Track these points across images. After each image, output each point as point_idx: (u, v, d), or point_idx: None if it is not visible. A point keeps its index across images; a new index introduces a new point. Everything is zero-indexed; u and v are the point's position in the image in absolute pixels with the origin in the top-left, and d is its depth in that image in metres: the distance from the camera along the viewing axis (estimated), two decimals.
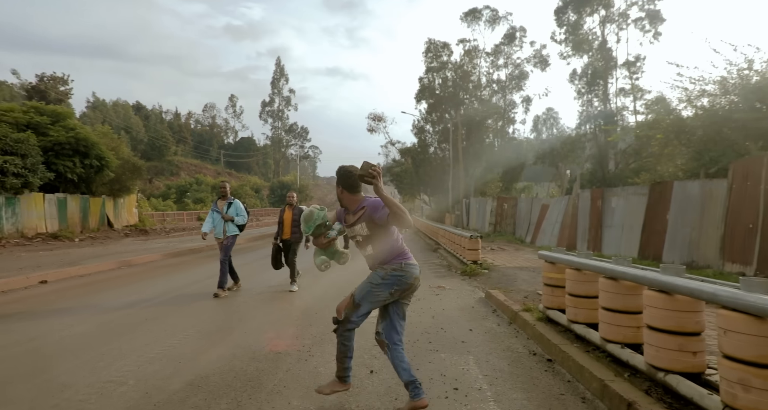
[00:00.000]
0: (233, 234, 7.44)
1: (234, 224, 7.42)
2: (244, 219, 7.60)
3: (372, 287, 3.13)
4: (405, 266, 3.06)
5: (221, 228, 7.37)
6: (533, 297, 6.70)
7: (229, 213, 7.41)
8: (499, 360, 4.14)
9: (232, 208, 7.47)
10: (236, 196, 28.54)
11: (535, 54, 41.15)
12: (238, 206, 7.52)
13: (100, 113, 62.34)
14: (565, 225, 14.53)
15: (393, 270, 3.04)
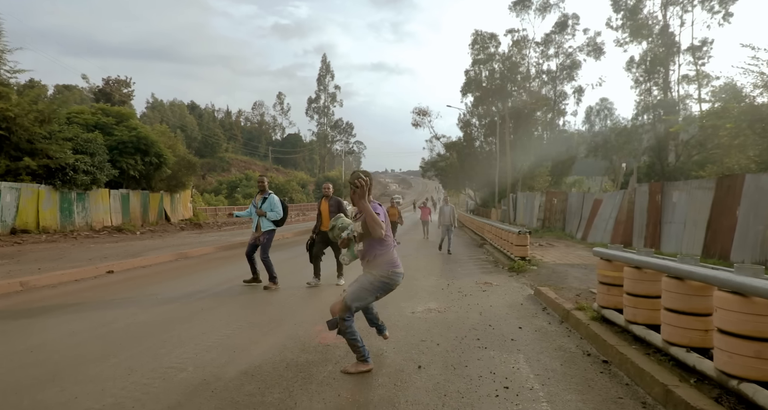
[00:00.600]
0: (268, 230, 7.23)
1: (267, 219, 7.20)
2: (278, 215, 7.32)
3: (363, 292, 3.63)
4: (392, 274, 3.62)
5: (256, 223, 7.27)
6: (586, 296, 6.44)
7: (263, 208, 7.19)
8: (551, 360, 4.01)
9: (267, 203, 7.25)
10: (283, 191, 29.24)
11: (589, 42, 39.44)
12: (272, 201, 7.27)
13: (158, 113, 65.82)
14: (620, 221, 13.86)
15: (382, 277, 3.59)
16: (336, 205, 7.43)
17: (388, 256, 3.60)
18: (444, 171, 46.14)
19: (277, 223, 7.37)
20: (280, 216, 7.34)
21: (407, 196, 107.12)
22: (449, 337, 4.68)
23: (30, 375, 3.41)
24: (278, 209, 7.28)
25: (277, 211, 7.26)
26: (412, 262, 10.95)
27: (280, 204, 7.37)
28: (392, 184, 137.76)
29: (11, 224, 15.79)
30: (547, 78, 42.40)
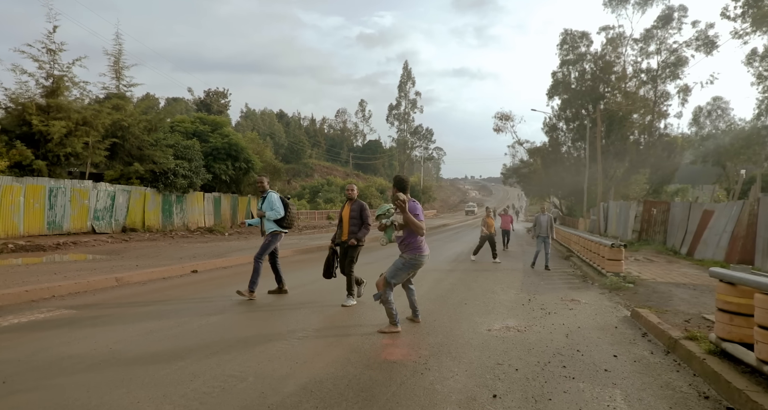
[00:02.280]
0: (271, 231, 6.66)
1: (268, 220, 6.65)
2: (278, 214, 6.66)
3: (397, 270, 5.01)
4: (418, 256, 4.99)
5: (259, 225, 6.83)
6: (697, 322, 5.52)
7: (263, 209, 6.65)
8: (657, 400, 3.36)
9: (266, 203, 6.67)
10: (362, 197, 29.38)
11: (698, 35, 35.41)
12: (271, 200, 6.66)
13: (251, 121, 70.55)
14: (738, 235, 12.03)
15: (410, 259, 4.98)
16: (359, 210, 6.51)
17: (416, 244, 4.99)
18: (527, 178, 44.12)
19: (280, 224, 6.71)
20: (280, 214, 6.67)
21: (487, 202, 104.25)
22: (530, 362, 4.16)
23: (104, 374, 3.51)
24: (277, 207, 6.64)
25: (276, 210, 6.62)
26: (490, 275, 10.34)
27: (280, 201, 6.73)
28: (471, 191, 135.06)
29: (122, 223, 17.55)
30: (646, 77, 38.76)
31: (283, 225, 6.73)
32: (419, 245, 4.98)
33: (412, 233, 4.94)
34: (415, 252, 4.96)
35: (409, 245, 4.97)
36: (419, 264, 5.02)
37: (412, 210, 4.92)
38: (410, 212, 4.88)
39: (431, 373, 3.75)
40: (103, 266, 8.95)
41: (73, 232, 15.49)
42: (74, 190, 15.61)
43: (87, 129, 15.82)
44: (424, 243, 5.05)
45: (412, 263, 4.98)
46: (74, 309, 5.72)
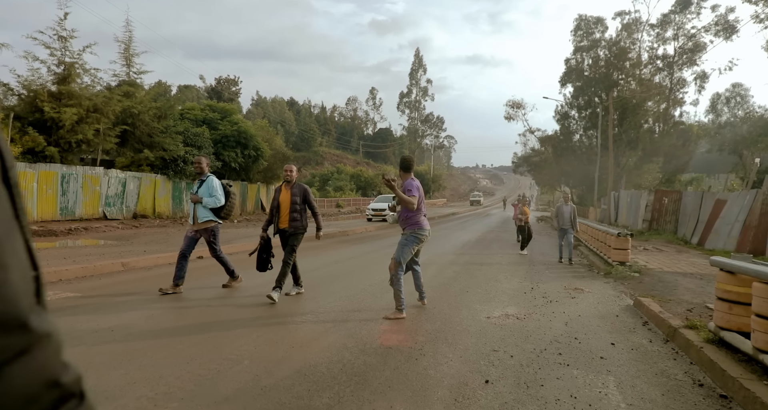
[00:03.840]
0: (206, 220, 5.87)
1: (205, 208, 5.83)
2: (218, 202, 5.87)
3: (402, 247, 5.26)
4: (417, 231, 5.29)
5: (191, 213, 5.94)
6: (700, 312, 5.47)
7: (200, 194, 5.83)
8: (650, 387, 3.36)
9: (204, 188, 5.87)
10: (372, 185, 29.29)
11: (718, 20, 34.38)
12: (211, 185, 5.88)
13: (261, 109, 70.67)
14: (750, 225, 11.82)
15: (411, 234, 5.28)
16: (302, 195, 5.88)
17: (413, 220, 5.29)
18: (538, 166, 43.68)
19: (217, 213, 5.97)
20: (220, 202, 5.90)
21: (498, 192, 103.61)
22: (526, 349, 4.17)
23: (103, 354, 3.60)
24: (218, 194, 5.86)
25: (216, 197, 5.84)
26: (496, 263, 10.33)
27: (222, 188, 5.98)
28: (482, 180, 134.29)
29: (133, 209, 17.80)
30: (662, 64, 37.82)
31: (221, 216, 6.00)
32: (417, 221, 5.30)
33: (406, 209, 5.28)
34: (414, 227, 5.30)
35: (407, 221, 5.31)
36: (420, 239, 5.32)
37: (407, 187, 5.29)
38: (405, 188, 5.26)
39: (426, 359, 3.78)
40: (111, 251, 9.11)
41: (85, 218, 15.77)
42: (86, 177, 15.84)
43: (98, 116, 15.99)
44: (422, 218, 5.37)
45: (413, 238, 5.29)
46: (79, 292, 5.84)
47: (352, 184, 52.88)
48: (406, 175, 5.45)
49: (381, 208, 23.30)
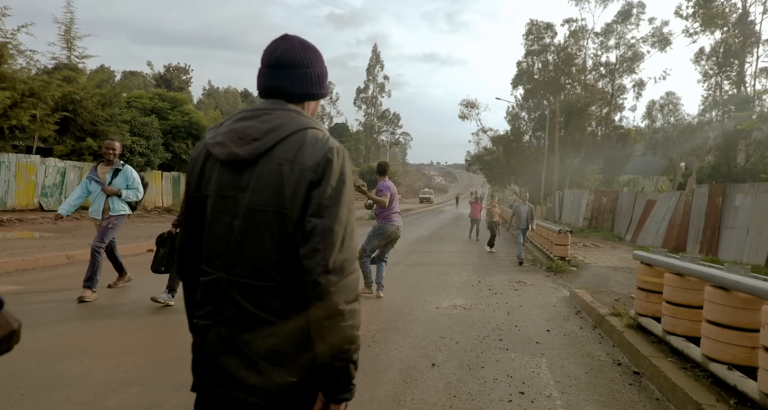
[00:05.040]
0: (120, 214, 5.21)
1: (122, 200, 5.19)
2: (139, 194, 5.32)
3: (369, 238, 5.97)
4: (385, 224, 5.91)
5: (101, 206, 5.12)
6: (625, 301, 6.04)
7: (116, 185, 5.14)
8: (576, 367, 3.76)
9: (120, 178, 5.18)
10: None
11: (654, 32, 36.81)
12: (129, 175, 5.23)
13: (214, 100, 68.37)
14: (674, 224, 12.95)
15: (378, 227, 5.96)
16: None
17: (385, 214, 5.91)
18: (489, 165, 45.11)
19: (132, 206, 5.38)
20: (141, 195, 5.37)
21: (452, 189, 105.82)
22: (470, 336, 4.50)
23: (55, 346, 3.57)
24: (138, 186, 5.30)
25: (136, 189, 5.27)
26: (446, 258, 10.74)
27: (141, 179, 5.40)
28: (437, 177, 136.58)
29: None
30: (604, 70, 40.09)
31: (134, 208, 5.41)
32: (387, 215, 5.92)
33: (380, 208, 5.95)
34: (384, 221, 5.93)
35: (379, 216, 5.99)
36: (387, 232, 5.91)
37: (380, 187, 5.97)
38: (378, 189, 5.95)
39: (377, 346, 4.02)
40: (52, 244, 8.72)
41: (19, 209, 14.82)
42: (20, 165, 14.87)
43: (34, 101, 15.02)
44: (393, 214, 5.95)
45: (380, 231, 5.91)
46: (21, 284, 5.63)
47: None
48: (381, 177, 6.14)
49: None
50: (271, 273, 1.07)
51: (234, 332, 1.07)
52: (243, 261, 1.08)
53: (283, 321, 1.07)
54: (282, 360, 1.07)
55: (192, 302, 1.21)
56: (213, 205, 1.13)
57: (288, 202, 1.06)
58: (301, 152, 1.08)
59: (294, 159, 1.08)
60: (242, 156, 1.09)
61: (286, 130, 1.11)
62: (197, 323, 1.14)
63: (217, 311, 1.10)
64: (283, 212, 1.06)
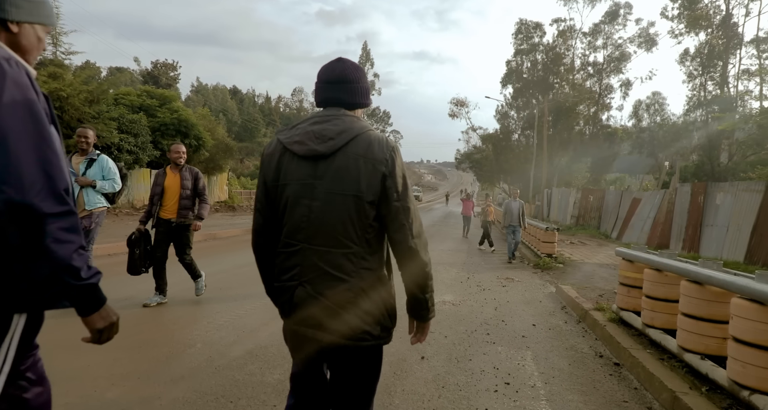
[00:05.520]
0: (98, 208, 4.70)
1: (97, 192, 4.69)
2: (116, 186, 4.83)
3: None
4: None
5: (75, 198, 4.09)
6: (609, 297, 6.23)
7: (91, 176, 4.67)
8: (560, 359, 3.91)
9: (95, 168, 4.71)
10: None
11: (641, 33, 37.38)
12: (105, 165, 4.76)
13: (202, 97, 67.79)
14: (658, 221, 13.25)
15: None
16: (193, 179, 5.05)
17: None
18: (479, 163, 45.44)
19: (110, 199, 4.91)
20: (118, 186, 4.89)
21: (441, 187, 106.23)
22: (459, 330, 4.64)
23: (51, 341, 3.62)
24: (115, 176, 4.81)
25: (113, 180, 4.78)
26: (436, 256, 10.88)
27: (119, 169, 4.94)
28: (427, 175, 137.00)
29: None
30: (592, 70, 40.61)
31: (112, 201, 4.94)
32: None
33: None
34: None
35: None
36: None
37: None
38: None
39: None
40: None
41: None
42: None
43: None
44: None
45: None
46: None
47: None
48: None
49: None
50: (346, 242, 1.42)
51: (317, 289, 1.43)
52: (322, 234, 1.42)
53: (355, 279, 1.43)
54: (354, 309, 1.43)
55: (268, 271, 1.60)
56: (293, 191, 1.45)
57: (364, 188, 1.40)
58: (370, 149, 1.43)
59: (366, 154, 1.42)
60: (321, 151, 1.42)
61: (354, 131, 1.45)
62: (284, 284, 1.50)
63: (302, 273, 1.45)
64: (360, 195, 1.40)
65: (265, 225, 1.55)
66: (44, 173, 1.10)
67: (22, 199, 1.05)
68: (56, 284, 1.12)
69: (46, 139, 1.12)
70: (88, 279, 1.17)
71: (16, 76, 1.10)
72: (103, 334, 1.25)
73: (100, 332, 1.24)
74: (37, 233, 1.07)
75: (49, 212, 1.09)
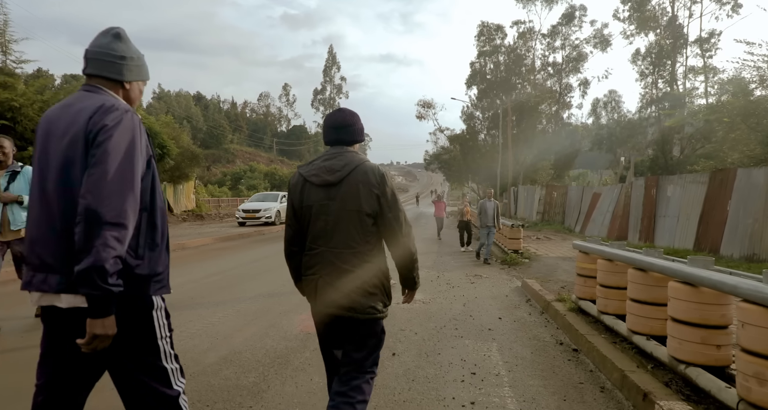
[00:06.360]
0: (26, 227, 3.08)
1: (24, 209, 4.25)
2: None
3: None
4: None
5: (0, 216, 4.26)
6: (570, 288, 6.55)
7: (14, 190, 4.24)
8: (523, 348, 4.14)
9: (20, 181, 4.29)
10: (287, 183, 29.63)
11: (596, 34, 38.92)
12: (30, 177, 4.21)
13: (165, 103, 66.10)
14: (617, 214, 13.90)
15: None
16: None
17: None
18: (447, 164, 46.06)
19: None
20: None
21: (412, 188, 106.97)
22: (428, 327, 4.82)
23: (17, 358, 3.59)
24: None
25: None
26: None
27: None
28: (397, 177, 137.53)
29: None
30: (552, 70, 42.02)
31: None
32: None
33: None
34: None
35: None
36: None
37: None
38: None
39: None
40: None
41: None
42: None
43: None
44: None
45: None
46: None
47: (266, 183, 51.60)
48: None
49: (256, 209, 18.89)
50: (353, 244, 1.97)
51: (332, 279, 1.98)
52: (336, 239, 1.97)
53: (359, 270, 1.97)
54: (360, 291, 1.97)
55: (297, 269, 2.16)
56: (315, 210, 2.00)
57: (364, 205, 1.95)
58: (366, 177, 1.97)
59: (363, 180, 1.96)
60: (331, 181, 1.99)
61: (354, 164, 2.00)
62: (308, 278, 2.06)
63: (322, 269, 2.00)
64: (361, 210, 1.95)
65: (294, 236, 2.12)
66: (117, 191, 1.40)
67: (95, 207, 1.36)
68: (87, 278, 1.34)
69: (133, 167, 1.47)
70: (110, 286, 1.36)
71: (133, 120, 1.53)
72: (95, 340, 1.38)
73: (95, 337, 1.37)
74: (93, 234, 1.35)
75: (108, 220, 1.36)
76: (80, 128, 1.47)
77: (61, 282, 1.45)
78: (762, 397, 2.12)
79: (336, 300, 1.97)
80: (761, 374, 2.13)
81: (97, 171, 1.40)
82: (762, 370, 2.13)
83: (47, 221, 1.50)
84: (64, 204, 1.47)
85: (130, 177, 1.45)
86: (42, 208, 1.51)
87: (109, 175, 1.40)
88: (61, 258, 1.46)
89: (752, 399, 2.18)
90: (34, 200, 1.55)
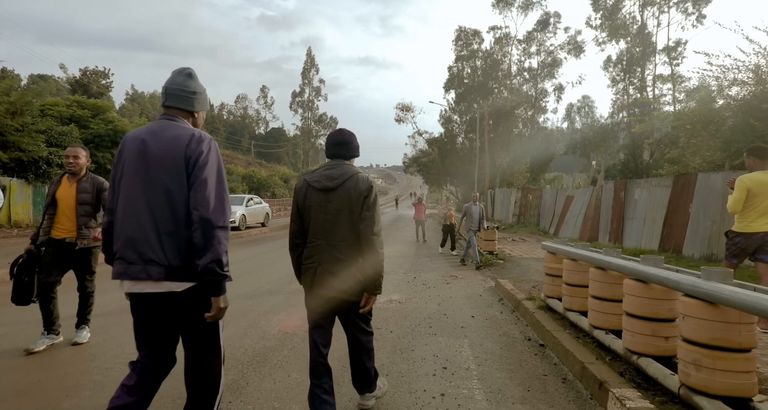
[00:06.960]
0: None
1: None
2: None
3: None
4: None
5: None
6: (540, 287, 6.80)
7: None
8: (493, 344, 4.34)
9: None
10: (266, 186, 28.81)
11: (570, 40, 40.00)
12: None
13: (138, 105, 64.83)
14: (588, 217, 14.36)
15: None
16: (95, 191, 4.04)
17: None
18: (426, 167, 46.54)
19: None
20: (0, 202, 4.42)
21: (392, 190, 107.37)
22: (404, 325, 4.98)
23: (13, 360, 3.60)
24: None
25: None
26: (385, 257, 11.23)
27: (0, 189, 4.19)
28: (377, 179, 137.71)
29: None
30: (528, 75, 42.95)
31: None
32: None
33: None
34: None
35: None
36: None
37: None
38: None
39: None
40: None
41: None
42: None
43: None
44: None
45: None
46: None
47: (244, 186, 50.99)
48: None
49: None
50: (346, 238, 2.45)
51: (329, 267, 2.45)
52: (334, 234, 2.46)
53: (352, 260, 2.46)
54: (351, 277, 2.44)
55: (297, 259, 2.60)
56: (315, 209, 2.49)
57: (354, 206, 2.43)
58: (357, 185, 2.46)
59: (355, 187, 2.45)
60: (330, 186, 2.47)
61: (348, 174, 2.49)
62: (308, 266, 2.51)
63: (320, 258, 2.47)
64: (352, 210, 2.44)
65: (297, 231, 2.58)
66: (219, 202, 1.90)
67: (207, 216, 1.84)
68: (211, 269, 1.83)
69: (224, 183, 1.96)
70: (226, 271, 1.88)
71: (216, 146, 2.01)
72: (221, 311, 1.93)
73: (220, 309, 1.92)
74: (210, 236, 1.83)
75: (218, 225, 1.86)
76: (179, 153, 1.90)
77: (160, 272, 1.89)
78: (699, 381, 2.35)
79: (332, 284, 2.44)
80: (698, 361, 2.36)
81: (201, 188, 1.87)
82: (699, 357, 2.36)
83: (152, 226, 1.90)
84: (166, 213, 1.90)
85: (223, 189, 1.94)
86: (144, 215, 1.91)
87: (212, 191, 1.88)
88: (162, 254, 1.89)
89: (690, 384, 2.41)
90: (129, 207, 1.94)
